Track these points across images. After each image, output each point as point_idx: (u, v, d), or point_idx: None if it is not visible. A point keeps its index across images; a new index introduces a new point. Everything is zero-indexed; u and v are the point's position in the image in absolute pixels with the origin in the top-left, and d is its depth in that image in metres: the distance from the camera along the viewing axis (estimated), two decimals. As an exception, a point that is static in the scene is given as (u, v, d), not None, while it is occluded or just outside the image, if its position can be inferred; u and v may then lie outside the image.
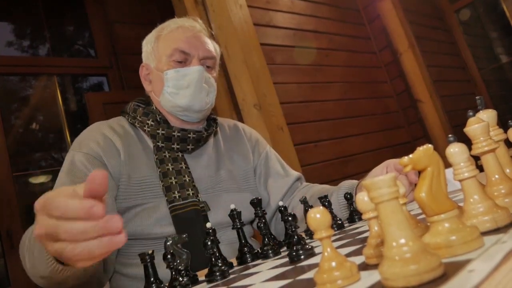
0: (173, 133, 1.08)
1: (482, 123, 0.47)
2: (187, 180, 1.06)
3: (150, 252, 0.65)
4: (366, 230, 0.70)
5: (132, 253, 1.02)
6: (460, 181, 0.43)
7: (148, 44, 1.17)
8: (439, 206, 0.38)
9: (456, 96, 3.72)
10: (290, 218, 0.71)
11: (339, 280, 0.38)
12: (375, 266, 0.42)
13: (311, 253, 0.61)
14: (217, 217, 1.06)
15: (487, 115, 0.55)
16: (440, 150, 0.47)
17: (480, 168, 0.48)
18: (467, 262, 0.34)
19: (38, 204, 0.58)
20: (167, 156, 1.08)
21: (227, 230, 1.08)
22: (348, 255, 0.54)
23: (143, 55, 1.19)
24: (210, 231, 0.71)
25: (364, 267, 0.44)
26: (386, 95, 3.41)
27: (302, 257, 0.60)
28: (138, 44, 1.22)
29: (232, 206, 0.78)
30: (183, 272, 0.65)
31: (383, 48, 3.47)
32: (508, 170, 0.54)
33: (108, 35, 3.97)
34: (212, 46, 1.16)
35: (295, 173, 1.28)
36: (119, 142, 1.06)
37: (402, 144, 3.21)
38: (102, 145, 1.04)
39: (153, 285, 0.63)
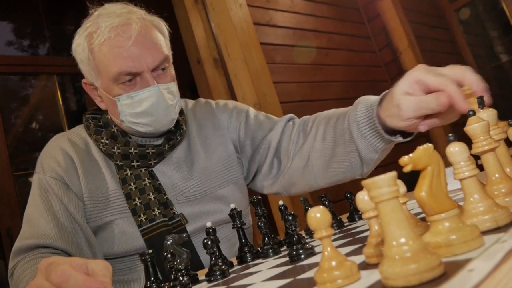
0: (130, 151, 0.99)
1: (482, 122, 0.47)
2: (152, 198, 0.97)
3: (150, 251, 0.65)
4: (366, 229, 0.70)
5: (116, 270, 0.97)
6: (460, 180, 0.43)
7: (80, 53, 0.98)
8: (439, 205, 0.38)
9: (456, 95, 3.71)
10: (290, 218, 0.71)
11: (339, 279, 0.38)
12: (375, 265, 0.42)
13: (311, 253, 0.61)
14: (195, 225, 1.00)
15: (487, 114, 0.55)
16: (440, 149, 0.47)
17: (480, 167, 0.48)
18: (467, 261, 0.34)
19: (43, 263, 0.59)
20: (129, 174, 0.99)
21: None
22: (348, 254, 0.54)
23: (79, 66, 1.01)
24: (210, 230, 0.71)
25: (364, 266, 0.44)
26: (386, 94, 3.40)
27: (302, 256, 0.60)
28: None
29: (232, 206, 0.78)
30: (183, 271, 0.65)
31: (383, 47, 3.47)
32: (508, 169, 0.54)
33: (108, 34, 3.96)
34: (159, 42, 0.97)
35: (284, 117, 1.12)
36: (76, 158, 1.00)
37: (402, 144, 3.20)
38: (62, 164, 0.99)
39: (154, 284, 0.63)
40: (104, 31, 0.93)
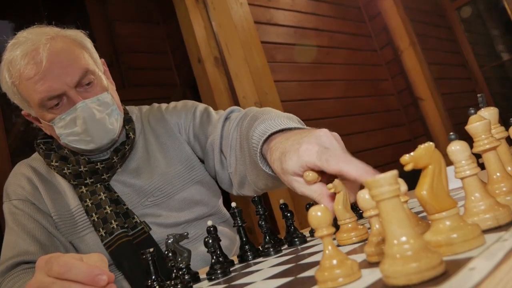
0: (80, 169, 0.98)
1: (483, 121, 0.47)
2: (109, 211, 0.97)
3: (151, 250, 0.65)
4: (367, 228, 0.70)
5: None
6: (462, 179, 0.43)
7: (6, 88, 0.97)
8: (440, 204, 0.38)
9: (457, 94, 3.71)
10: (289, 215, 0.71)
11: (340, 278, 0.38)
12: (376, 264, 0.42)
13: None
14: (161, 232, 1.00)
15: (489, 113, 0.55)
16: (441, 148, 0.47)
17: (482, 166, 0.48)
18: (468, 260, 0.34)
19: (40, 261, 0.59)
20: (85, 191, 1.00)
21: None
22: (349, 253, 0.54)
23: (12, 100, 1.00)
24: (211, 229, 0.71)
25: (365, 265, 0.44)
26: (387, 93, 3.40)
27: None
28: (139, 42, 1.19)
29: (233, 205, 0.78)
30: (184, 270, 0.65)
31: (384, 46, 3.47)
32: (509, 168, 0.54)
33: (108, 33, 3.96)
34: (76, 56, 0.95)
35: (222, 115, 1.05)
36: (38, 181, 1.03)
37: (403, 142, 3.21)
38: (27, 188, 1.02)
39: (155, 283, 0.63)
40: (16, 60, 0.91)
